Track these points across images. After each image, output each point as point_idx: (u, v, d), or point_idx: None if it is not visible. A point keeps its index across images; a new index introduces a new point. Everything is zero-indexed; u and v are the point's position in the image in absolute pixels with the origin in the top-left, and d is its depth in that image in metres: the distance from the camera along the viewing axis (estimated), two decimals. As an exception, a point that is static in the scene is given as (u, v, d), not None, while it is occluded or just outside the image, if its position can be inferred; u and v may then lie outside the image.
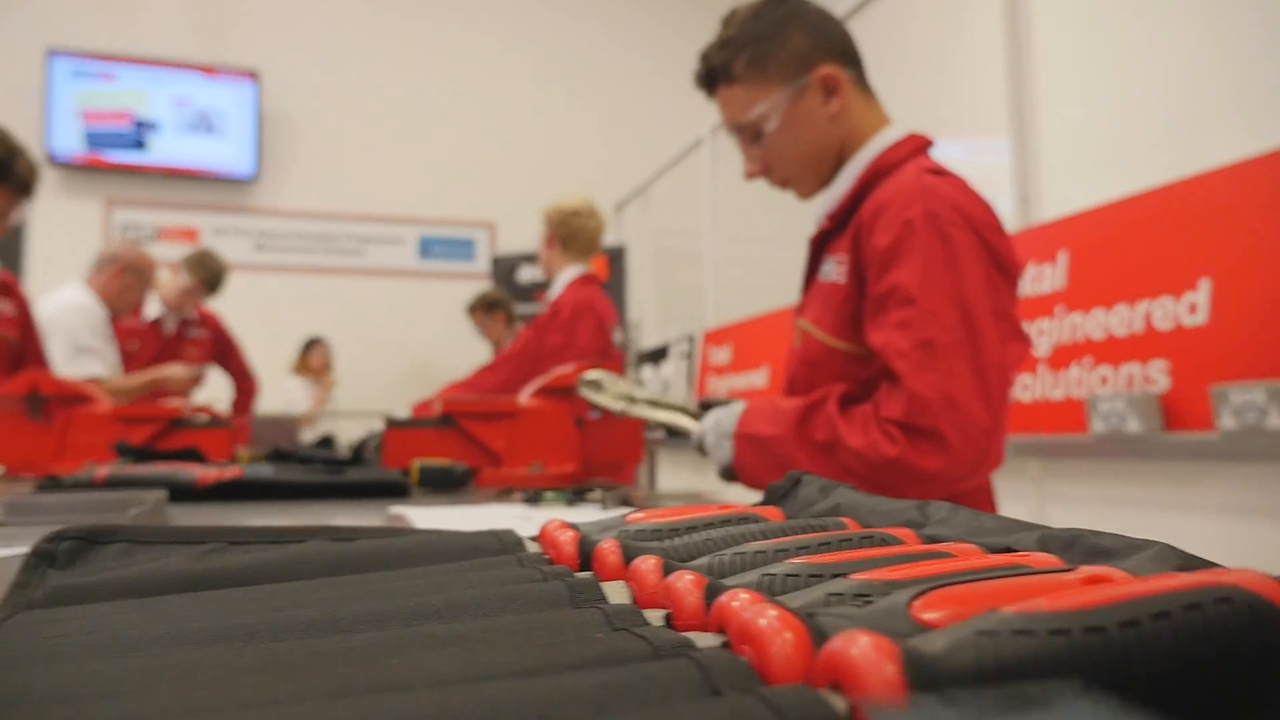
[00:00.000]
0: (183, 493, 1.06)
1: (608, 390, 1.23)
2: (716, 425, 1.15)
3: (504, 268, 5.45)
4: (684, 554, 0.40)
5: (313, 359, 5.32)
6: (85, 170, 5.39)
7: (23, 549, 0.68)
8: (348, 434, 3.28)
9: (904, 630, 0.26)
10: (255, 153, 5.60)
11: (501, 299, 4.52)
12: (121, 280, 2.94)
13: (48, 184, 5.28)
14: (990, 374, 0.99)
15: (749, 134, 1.18)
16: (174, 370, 2.87)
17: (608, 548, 0.39)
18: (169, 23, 5.54)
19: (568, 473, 1.36)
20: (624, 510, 0.93)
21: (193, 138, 5.56)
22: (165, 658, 0.29)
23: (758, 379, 3.31)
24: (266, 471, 1.28)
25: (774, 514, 0.48)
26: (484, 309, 4.43)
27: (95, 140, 5.39)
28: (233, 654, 0.29)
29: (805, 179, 1.20)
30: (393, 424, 1.34)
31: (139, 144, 5.47)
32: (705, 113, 4.14)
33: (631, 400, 1.22)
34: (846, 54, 1.17)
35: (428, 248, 5.91)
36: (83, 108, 5.35)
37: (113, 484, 1.07)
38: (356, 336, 5.59)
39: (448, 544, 0.47)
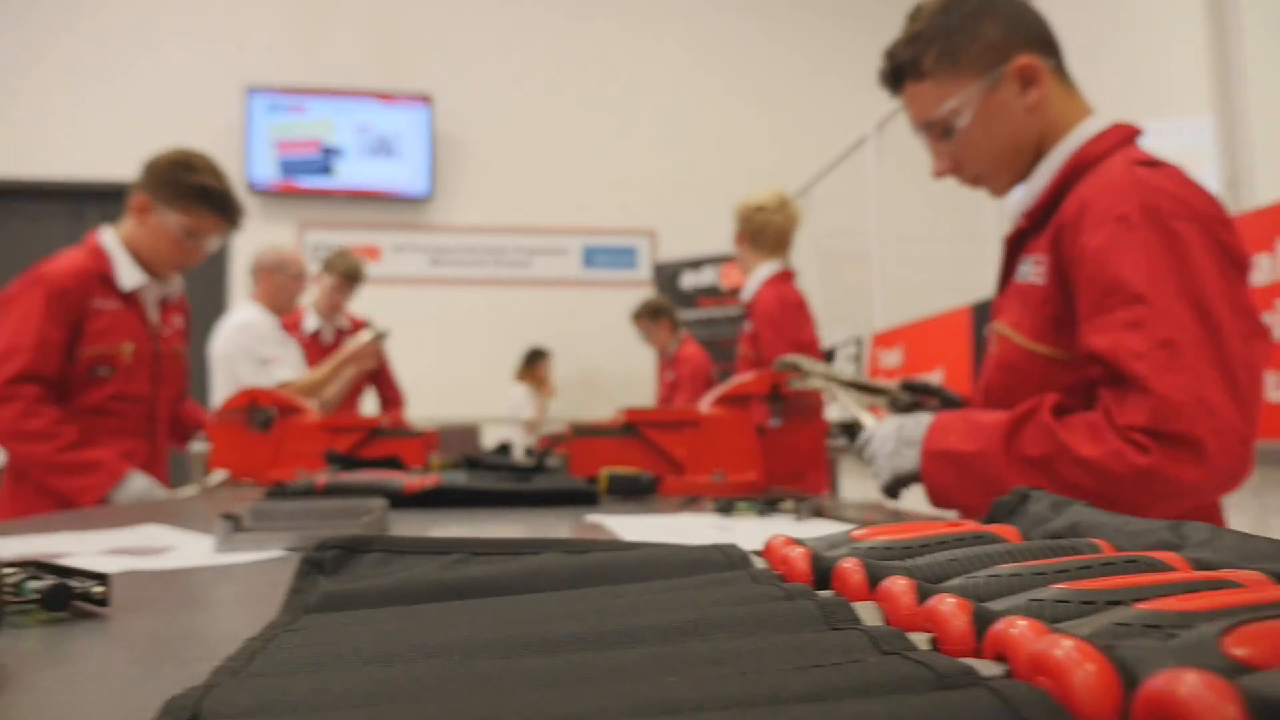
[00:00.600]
0: (392, 499, 1.13)
1: (806, 371, 1.22)
2: (898, 431, 1.12)
3: (666, 274, 5.51)
4: (931, 574, 0.39)
5: (537, 368, 5.50)
6: (280, 196, 5.82)
7: (275, 552, 0.74)
8: (523, 440, 3.40)
9: (1218, 668, 0.25)
10: (429, 172, 5.90)
11: (665, 306, 4.57)
12: (274, 282, 3.13)
13: (249, 210, 5.75)
14: (1238, 374, 0.91)
15: (938, 130, 1.14)
16: (354, 344, 3.03)
17: (850, 566, 0.39)
18: (351, 55, 5.92)
19: (750, 481, 1.36)
20: (817, 521, 0.92)
21: (373, 161, 5.91)
22: (449, 667, 0.31)
23: (932, 382, 3.20)
24: (460, 479, 1.34)
25: (1011, 533, 0.46)
26: (649, 316, 4.49)
27: (288, 168, 5.82)
28: (512, 666, 0.30)
29: (999, 175, 1.15)
30: (579, 432, 1.38)
31: (326, 169, 5.87)
32: (869, 110, 4.06)
33: (830, 380, 1.20)
34: (1044, 42, 1.11)
35: (591, 257, 6.06)
36: (277, 139, 5.79)
37: (331, 491, 1.15)
38: (524, 345, 5.79)
39: (675, 558, 0.48)
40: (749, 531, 0.86)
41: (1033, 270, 1.07)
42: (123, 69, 5.62)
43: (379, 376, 3.81)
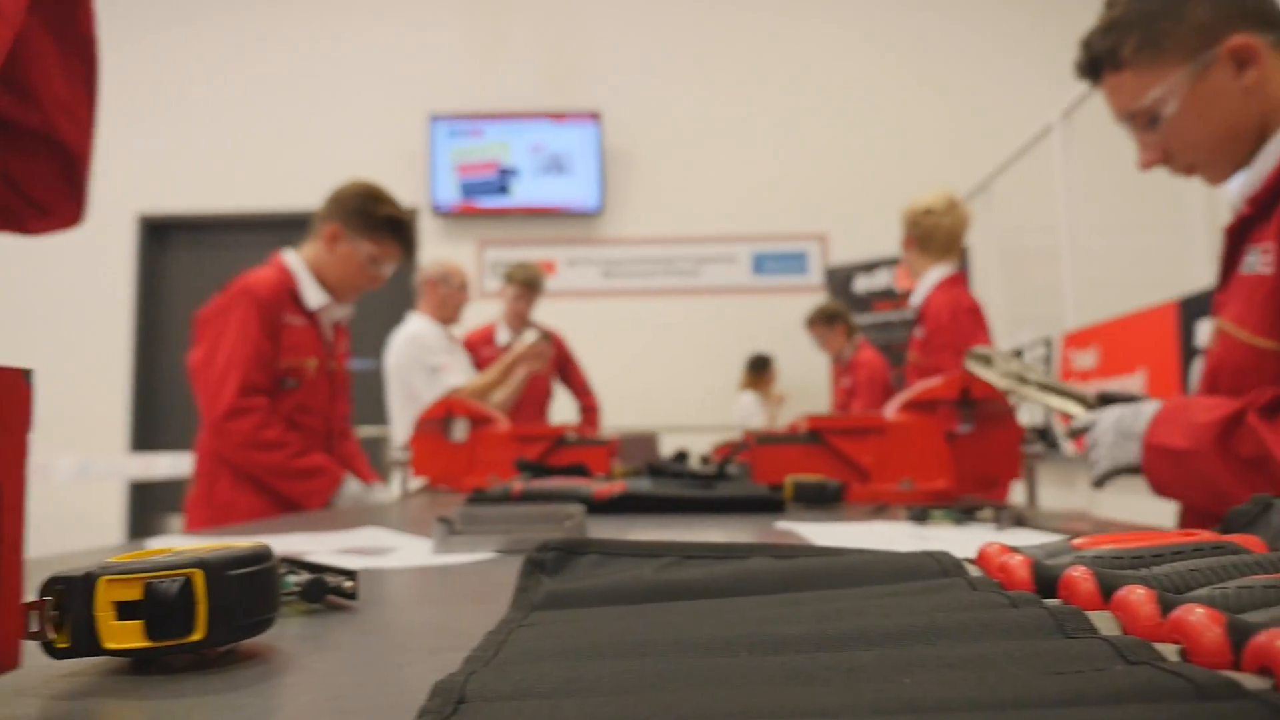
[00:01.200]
0: (584, 505, 1.17)
1: (997, 367, 1.17)
2: (1118, 423, 1.06)
3: (839, 279, 5.41)
4: (1170, 585, 0.38)
5: (764, 376, 5.53)
6: (461, 217, 6.13)
7: (486, 554, 0.79)
8: (699, 448, 3.43)
9: None
10: (599, 187, 6.06)
11: (840, 310, 4.49)
12: (438, 293, 3.27)
13: (433, 231, 6.09)
14: None
15: (1143, 121, 1.08)
16: (521, 346, 3.15)
17: (1079, 575, 0.38)
18: (523, 78, 6.17)
19: (940, 489, 1.32)
20: (1020, 530, 0.88)
21: (546, 179, 6.13)
22: (687, 662, 0.32)
23: (1132, 385, 3.00)
24: (645, 485, 1.37)
25: (1254, 543, 0.44)
26: (823, 321, 4.43)
27: (468, 190, 6.13)
28: (749, 662, 0.31)
29: (1216, 163, 1.07)
30: (761, 440, 1.38)
31: (503, 189, 6.14)
32: (1054, 98, 3.85)
33: (1022, 380, 1.15)
34: (1262, 17, 1.03)
35: (761, 263, 6.03)
36: (458, 162, 6.11)
37: (527, 497, 1.21)
38: (695, 354, 5.83)
39: (887, 564, 0.48)
40: (946, 540, 0.84)
41: (1259, 260, 0.99)
42: (315, 106, 6.08)
43: (571, 383, 3.93)
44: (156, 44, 5.90)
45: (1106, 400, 1.12)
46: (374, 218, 2.10)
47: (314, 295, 2.11)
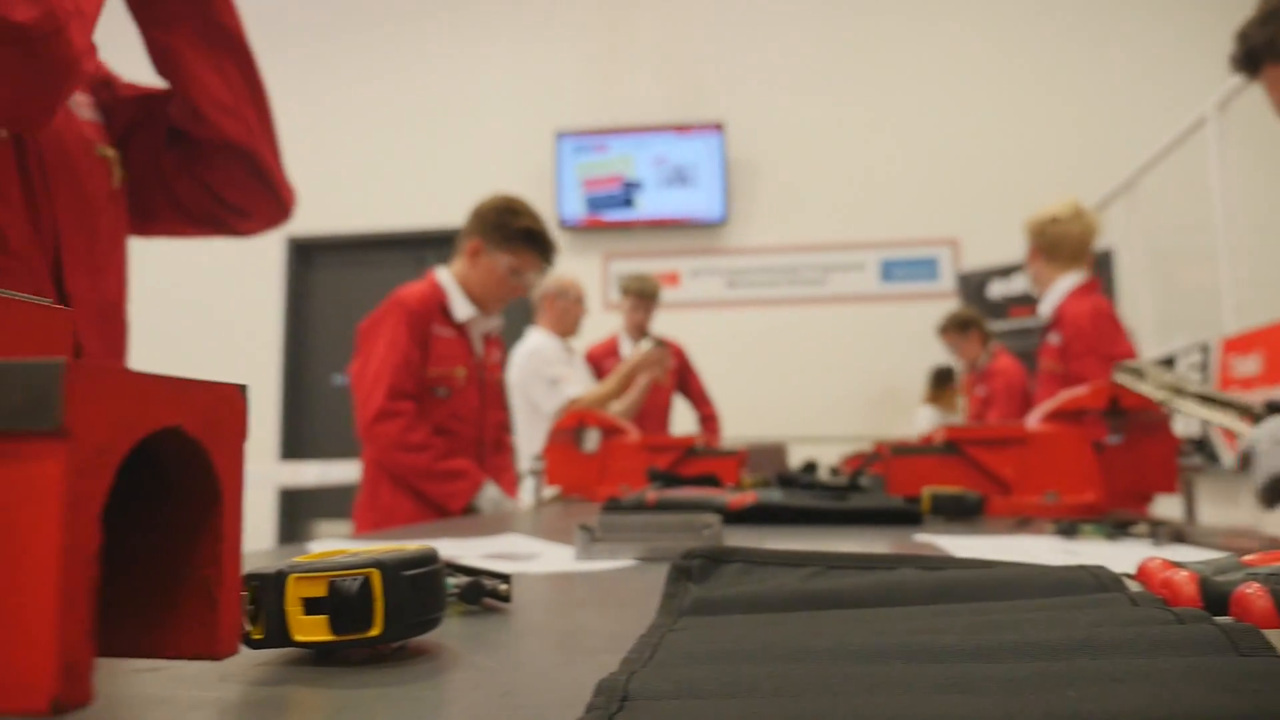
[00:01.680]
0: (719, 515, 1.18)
1: (1150, 379, 1.12)
2: (1272, 433, 0.99)
3: (972, 284, 5.25)
4: (1356, 604, 0.36)
5: (947, 389, 5.37)
6: (587, 231, 6.25)
7: (627, 561, 0.81)
8: (827, 459, 3.38)
9: None
10: (723, 197, 6.06)
11: (974, 317, 4.35)
12: (557, 308, 3.33)
13: (560, 246, 6.23)
14: None
15: (1311, 112, 1.01)
16: (637, 355, 3.18)
17: (1254, 591, 0.36)
18: (647, 91, 6.25)
19: (1087, 502, 1.27)
20: (1179, 546, 0.84)
21: (670, 190, 6.18)
22: (844, 668, 0.33)
23: (1301, 392, 2.78)
24: (777, 496, 1.37)
25: None
26: (957, 329, 4.29)
27: (594, 204, 6.24)
28: (907, 671, 0.32)
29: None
30: (896, 451, 1.36)
31: (628, 202, 6.22)
32: (1205, 90, 3.63)
33: (1178, 392, 1.10)
34: None
35: (889, 270, 5.90)
36: (583, 177, 6.23)
37: (662, 506, 1.23)
38: (823, 364, 5.75)
39: (1040, 577, 0.47)
40: (1099, 556, 0.81)
41: None
42: (448, 128, 6.32)
43: (690, 392, 3.95)
44: (299, 78, 6.27)
45: (1275, 410, 1.05)
46: (511, 230, 2.18)
47: (462, 307, 2.20)
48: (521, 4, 6.41)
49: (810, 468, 2.35)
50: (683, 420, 3.99)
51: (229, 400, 0.27)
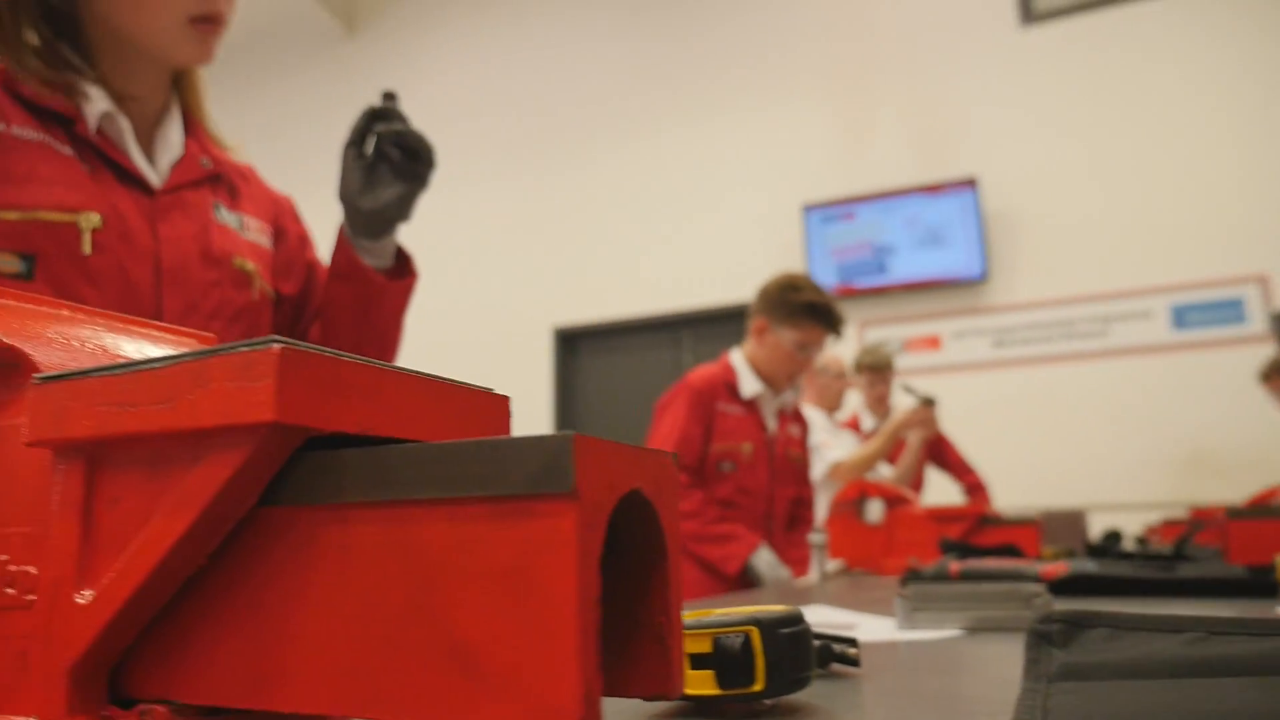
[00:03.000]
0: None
1: None
2: None
3: (1288, 325, 4.66)
4: None
5: None
6: (840, 299, 6.20)
7: (951, 631, 0.79)
8: (1130, 527, 3.08)
9: None
10: (981, 254, 5.81)
11: (1301, 361, 3.84)
12: (819, 384, 3.33)
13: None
14: None
15: None
16: (904, 413, 3.06)
17: None
18: (894, 155, 6.18)
19: None
20: None
21: (923, 252, 6.01)
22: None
23: None
24: (1091, 567, 1.27)
25: None
26: (1282, 375, 3.81)
27: (845, 272, 6.19)
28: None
29: None
30: (1234, 514, 1.23)
31: (880, 268, 6.12)
32: None
33: None
34: None
35: (1181, 316, 5.35)
36: (833, 247, 6.21)
37: (966, 577, 1.18)
38: (1109, 423, 5.28)
39: None
40: None
41: None
42: (697, 209, 6.55)
43: (947, 462, 3.77)
44: (560, 184, 6.78)
45: None
46: (792, 305, 2.23)
47: (749, 385, 2.27)
48: (761, 80, 6.59)
49: (1114, 536, 2.16)
50: (936, 491, 3.79)
51: (668, 468, 0.31)
